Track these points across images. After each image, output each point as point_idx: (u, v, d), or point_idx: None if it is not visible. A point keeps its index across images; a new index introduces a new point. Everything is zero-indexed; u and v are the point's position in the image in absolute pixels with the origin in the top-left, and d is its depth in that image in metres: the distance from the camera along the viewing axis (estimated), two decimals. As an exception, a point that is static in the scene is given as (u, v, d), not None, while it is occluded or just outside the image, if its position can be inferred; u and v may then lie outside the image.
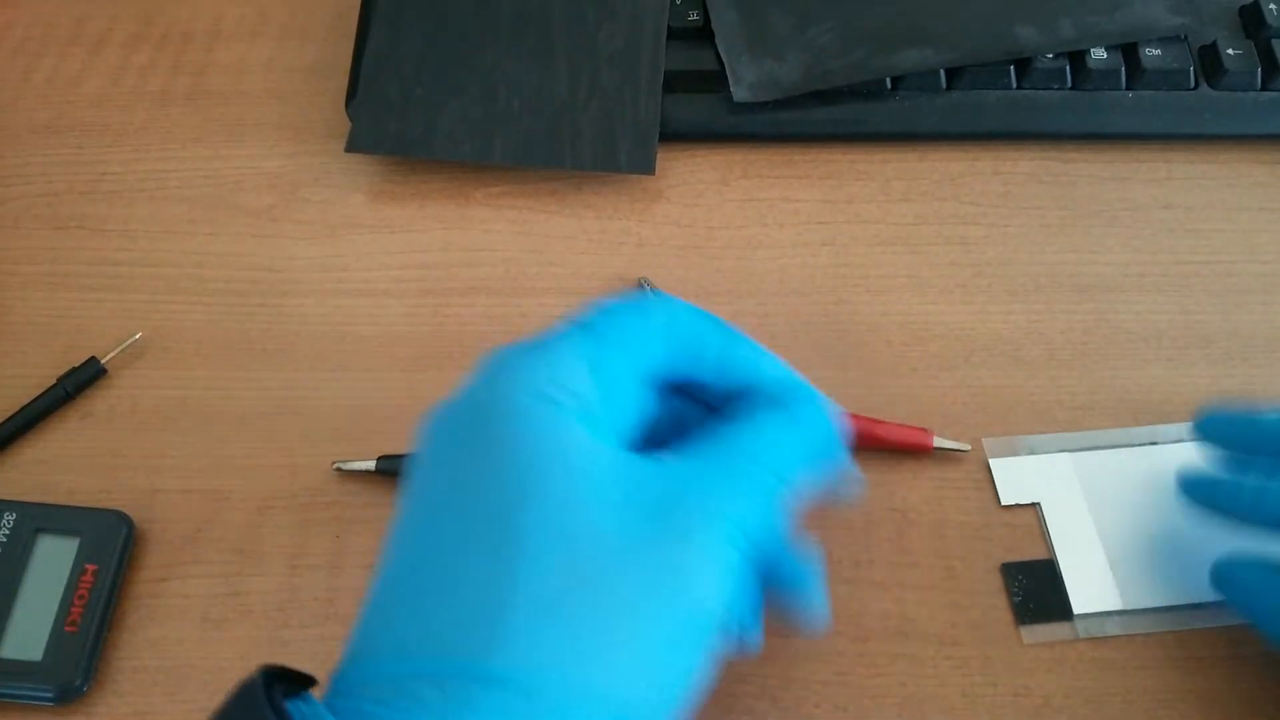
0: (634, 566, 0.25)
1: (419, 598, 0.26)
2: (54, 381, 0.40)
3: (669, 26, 0.47)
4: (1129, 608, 0.36)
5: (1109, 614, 0.36)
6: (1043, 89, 0.46)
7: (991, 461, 0.39)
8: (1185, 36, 0.46)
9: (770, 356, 0.31)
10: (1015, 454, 0.39)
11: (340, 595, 0.37)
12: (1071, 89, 0.46)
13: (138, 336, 0.41)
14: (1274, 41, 0.46)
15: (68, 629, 0.35)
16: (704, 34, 0.46)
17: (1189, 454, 0.37)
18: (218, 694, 0.35)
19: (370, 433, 0.40)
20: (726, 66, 0.45)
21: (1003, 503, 0.38)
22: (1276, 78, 0.45)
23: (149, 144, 0.47)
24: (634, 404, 0.29)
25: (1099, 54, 0.45)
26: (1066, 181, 0.45)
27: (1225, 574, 0.34)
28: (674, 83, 0.46)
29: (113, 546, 0.36)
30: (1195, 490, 0.35)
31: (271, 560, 0.37)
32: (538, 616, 0.24)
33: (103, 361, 0.40)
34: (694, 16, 0.47)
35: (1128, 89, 0.46)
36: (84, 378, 0.40)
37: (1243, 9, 0.47)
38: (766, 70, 0.45)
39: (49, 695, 0.34)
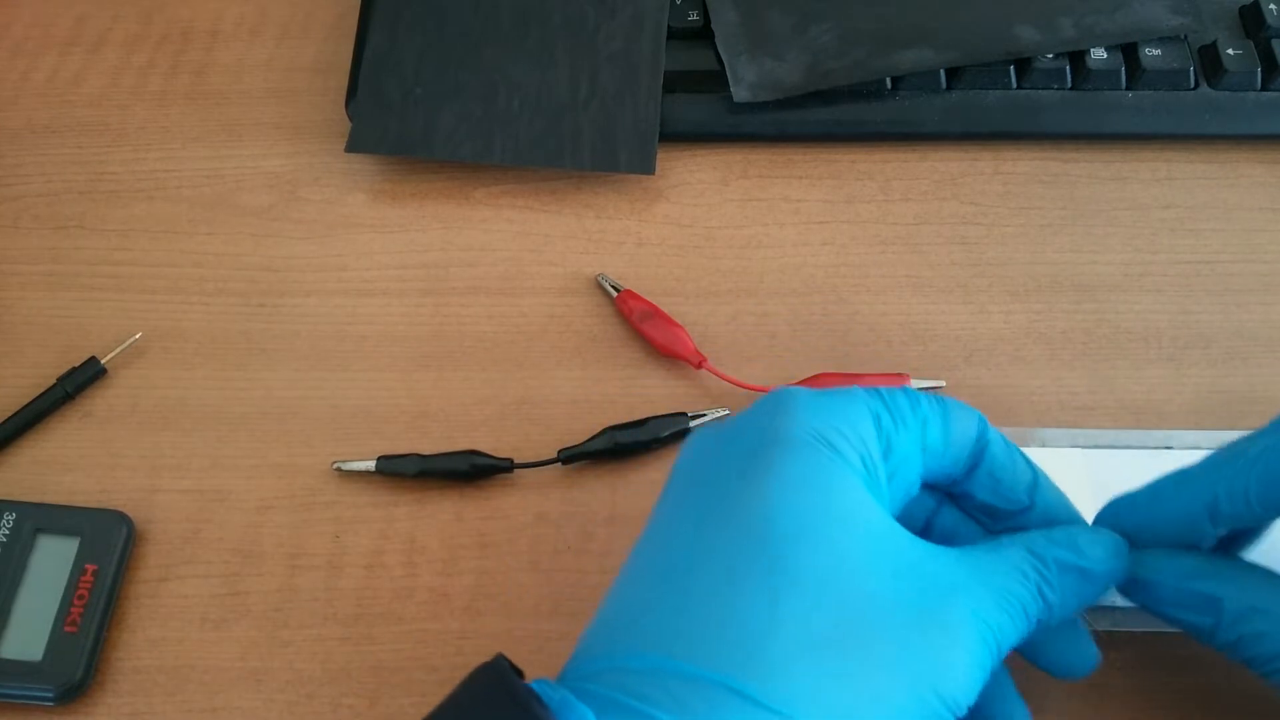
0: (901, 634, 0.26)
1: (678, 605, 0.26)
2: (54, 381, 0.40)
3: (669, 26, 0.46)
4: (1123, 605, 0.36)
5: (1103, 609, 0.36)
6: (1043, 89, 0.46)
7: None
8: (1185, 36, 0.46)
9: (1047, 479, 0.31)
10: (1026, 445, 0.39)
11: (340, 595, 0.37)
12: (1071, 89, 0.46)
13: (138, 336, 0.41)
14: (1274, 42, 0.46)
15: (67, 629, 0.35)
16: (704, 34, 0.46)
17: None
18: (218, 694, 0.35)
19: (370, 433, 0.40)
20: (726, 67, 0.45)
21: None
22: (1276, 78, 0.45)
23: (149, 144, 0.47)
24: (905, 483, 0.29)
25: (1099, 54, 0.45)
26: (1066, 181, 0.45)
27: (1132, 579, 0.32)
28: (674, 83, 0.46)
29: (113, 546, 0.36)
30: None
31: (271, 560, 0.37)
32: (804, 653, 0.25)
33: (103, 361, 0.40)
34: (694, 16, 0.47)
35: (1127, 89, 0.46)
36: (84, 378, 0.40)
37: (1243, 9, 0.47)
38: (766, 70, 0.45)
39: (49, 695, 0.34)
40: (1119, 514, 0.32)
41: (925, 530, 0.32)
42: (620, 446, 0.38)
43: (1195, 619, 0.30)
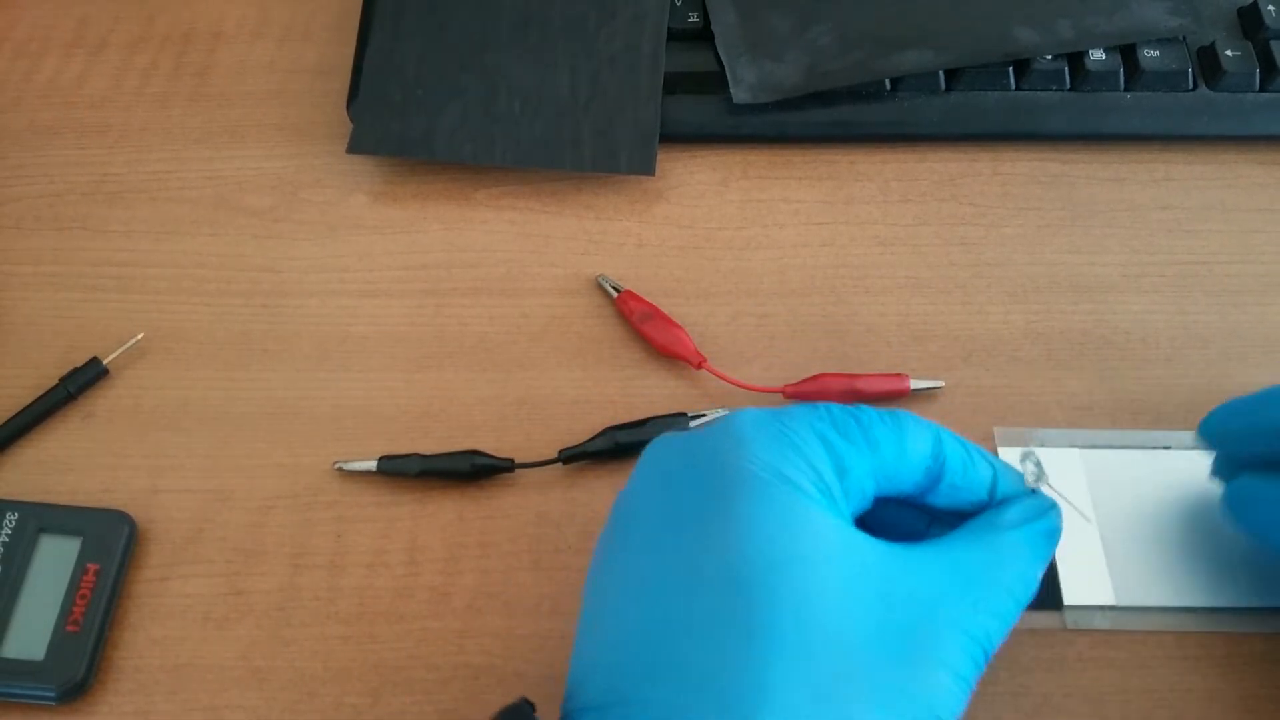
0: (890, 672, 0.26)
1: (655, 646, 0.26)
2: (56, 382, 0.40)
3: (669, 28, 0.47)
4: (1121, 604, 0.36)
5: (1099, 608, 0.36)
6: (1041, 90, 0.46)
7: (1000, 450, 0.39)
8: (1184, 38, 0.46)
9: (1004, 466, 0.31)
10: (1025, 445, 0.39)
11: (341, 595, 0.37)
12: (1070, 90, 0.46)
13: (140, 337, 0.41)
14: (1272, 43, 0.46)
15: (69, 628, 0.35)
16: (704, 35, 0.46)
17: (1201, 461, 0.37)
18: (220, 693, 0.35)
19: (371, 433, 0.40)
20: (726, 68, 0.45)
21: None
22: (1275, 79, 0.45)
23: (151, 145, 0.47)
24: (861, 499, 0.29)
25: (1097, 55, 0.46)
26: (1065, 182, 0.46)
27: (1237, 495, 0.34)
28: (674, 84, 0.46)
29: (114, 546, 0.36)
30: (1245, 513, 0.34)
31: (273, 560, 0.37)
32: (795, 708, 0.25)
33: (105, 362, 0.40)
34: (694, 18, 0.47)
35: (1126, 90, 0.46)
36: (86, 378, 0.40)
37: (1241, 10, 0.47)
38: (766, 71, 0.45)
39: (51, 695, 0.34)
40: (1225, 419, 0.35)
41: (885, 524, 0.31)
42: (620, 446, 0.39)
43: None
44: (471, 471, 0.38)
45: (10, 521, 0.37)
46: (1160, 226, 0.44)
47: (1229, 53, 0.46)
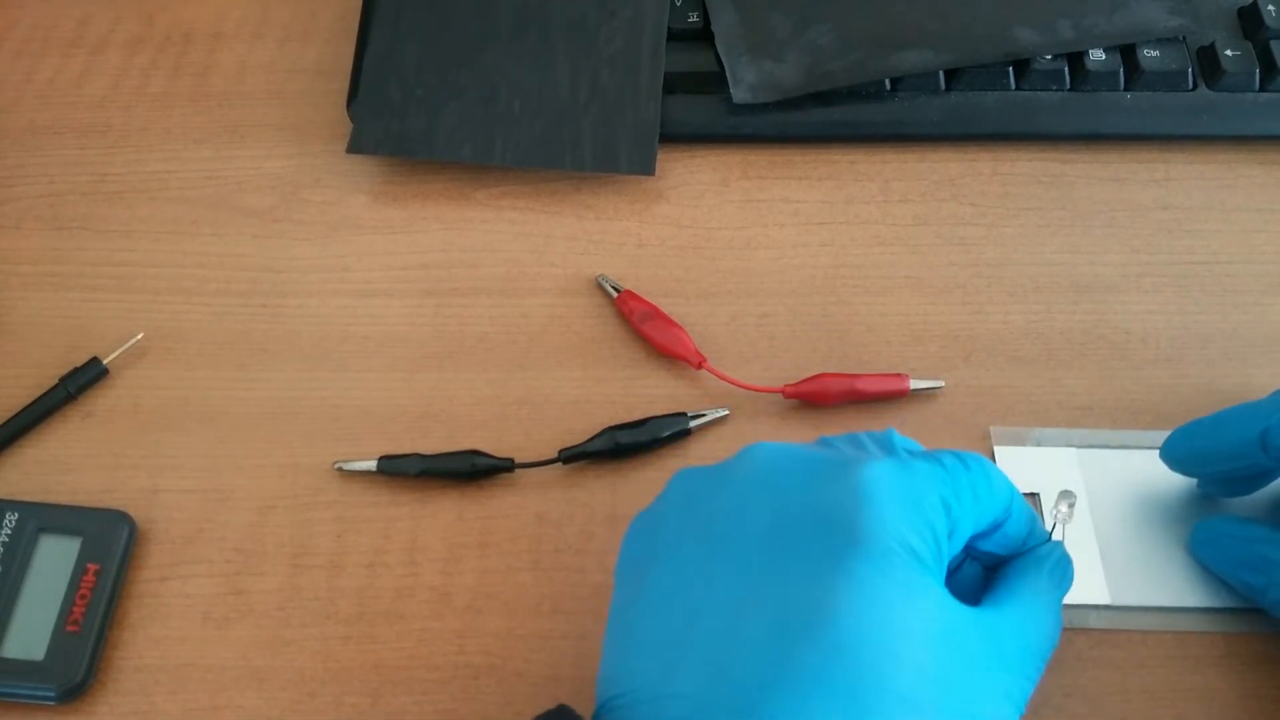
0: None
1: (729, 679, 0.26)
2: (56, 382, 0.40)
3: (669, 28, 0.47)
4: (1115, 604, 0.36)
5: (1094, 607, 0.36)
6: (1041, 90, 0.46)
7: (996, 449, 0.39)
8: (1184, 38, 0.46)
9: (1031, 512, 0.33)
10: (1022, 444, 0.39)
11: (341, 595, 0.37)
12: (1070, 90, 0.46)
13: (139, 337, 0.41)
14: (1272, 43, 0.46)
15: (69, 628, 0.35)
16: (704, 35, 0.46)
17: None
18: (220, 693, 0.35)
19: (371, 433, 0.40)
20: (726, 68, 0.45)
21: None
22: (1274, 79, 0.45)
23: (151, 145, 0.47)
24: (956, 551, 0.30)
25: (1097, 55, 0.46)
26: (1065, 182, 0.46)
27: (1200, 536, 0.36)
28: (674, 84, 0.46)
29: (114, 546, 0.36)
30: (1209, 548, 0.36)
31: (273, 560, 0.37)
32: None
33: (105, 362, 0.40)
34: (694, 18, 0.47)
35: (1126, 90, 0.46)
36: (86, 378, 0.40)
37: (1241, 10, 0.47)
38: (766, 71, 0.45)
39: (51, 695, 0.34)
40: (1184, 439, 0.36)
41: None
42: (620, 446, 0.39)
43: (1252, 578, 0.34)
44: (471, 471, 0.38)
45: (10, 521, 0.37)
46: (1160, 226, 0.44)
47: (1229, 53, 0.46)
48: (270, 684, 0.35)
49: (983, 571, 0.33)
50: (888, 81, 0.45)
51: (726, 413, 0.40)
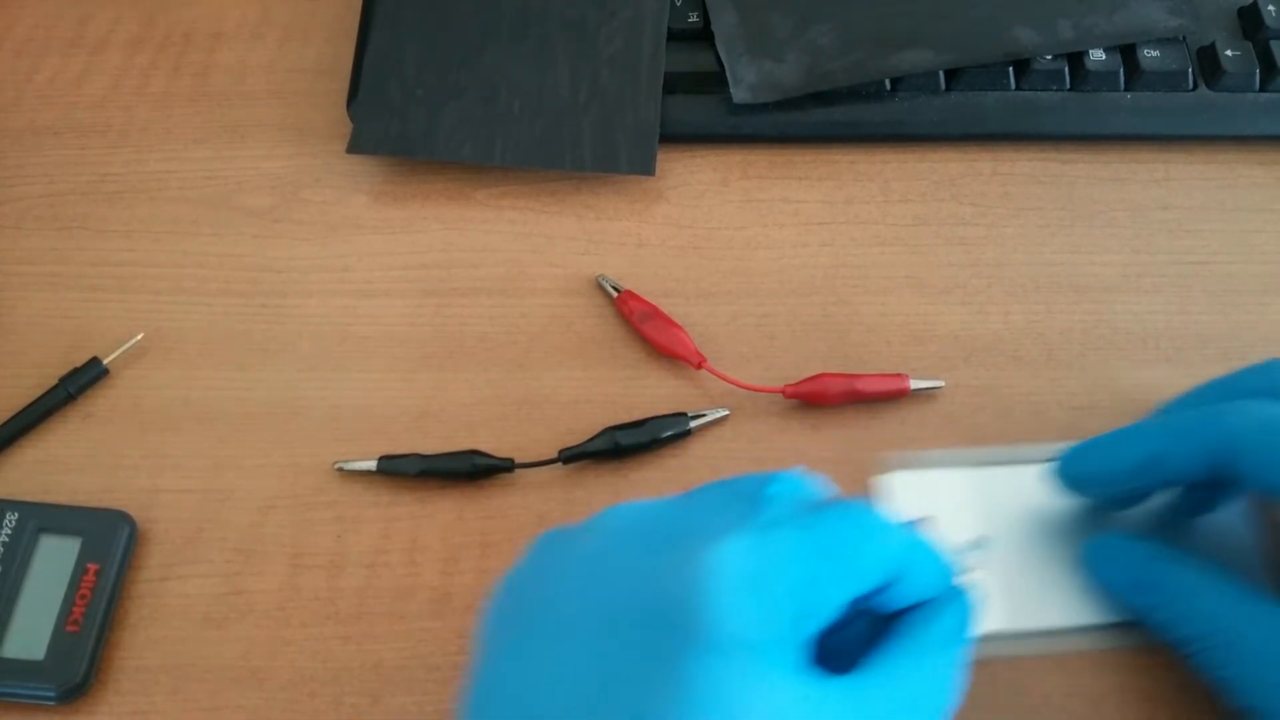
0: None
1: None
2: (56, 382, 0.40)
3: (669, 28, 0.47)
4: (1013, 629, 0.35)
5: (992, 636, 0.34)
6: (1041, 90, 0.46)
7: (886, 475, 0.38)
8: (1184, 38, 0.46)
9: (941, 564, 0.29)
10: (912, 469, 0.38)
11: (341, 595, 0.37)
12: (1070, 90, 0.46)
13: (140, 337, 0.41)
14: (1272, 43, 0.46)
15: (69, 628, 0.35)
16: (704, 35, 0.46)
17: None
18: (220, 693, 0.35)
19: (371, 433, 0.40)
20: (726, 68, 0.45)
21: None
22: (1274, 79, 0.45)
23: (151, 145, 0.47)
24: (826, 623, 0.27)
25: (1097, 55, 0.46)
26: (1065, 182, 0.46)
27: (1090, 554, 0.36)
28: (674, 84, 0.46)
29: (114, 546, 0.36)
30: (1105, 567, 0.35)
31: (273, 560, 0.37)
32: None
33: (105, 362, 0.40)
34: (694, 18, 0.47)
35: (1126, 90, 0.46)
36: (86, 378, 0.40)
37: (1241, 10, 0.47)
38: (766, 71, 0.45)
39: (51, 695, 0.34)
40: (1077, 458, 0.35)
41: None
42: (620, 447, 0.39)
43: (1139, 598, 0.34)
44: (471, 472, 0.38)
45: (10, 521, 0.37)
46: (1160, 226, 0.44)
47: (1229, 53, 0.46)
48: (270, 684, 0.35)
49: (873, 625, 0.30)
50: (888, 81, 0.45)
51: (726, 413, 0.40)
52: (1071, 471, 0.35)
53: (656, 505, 0.28)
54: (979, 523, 0.37)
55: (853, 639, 0.29)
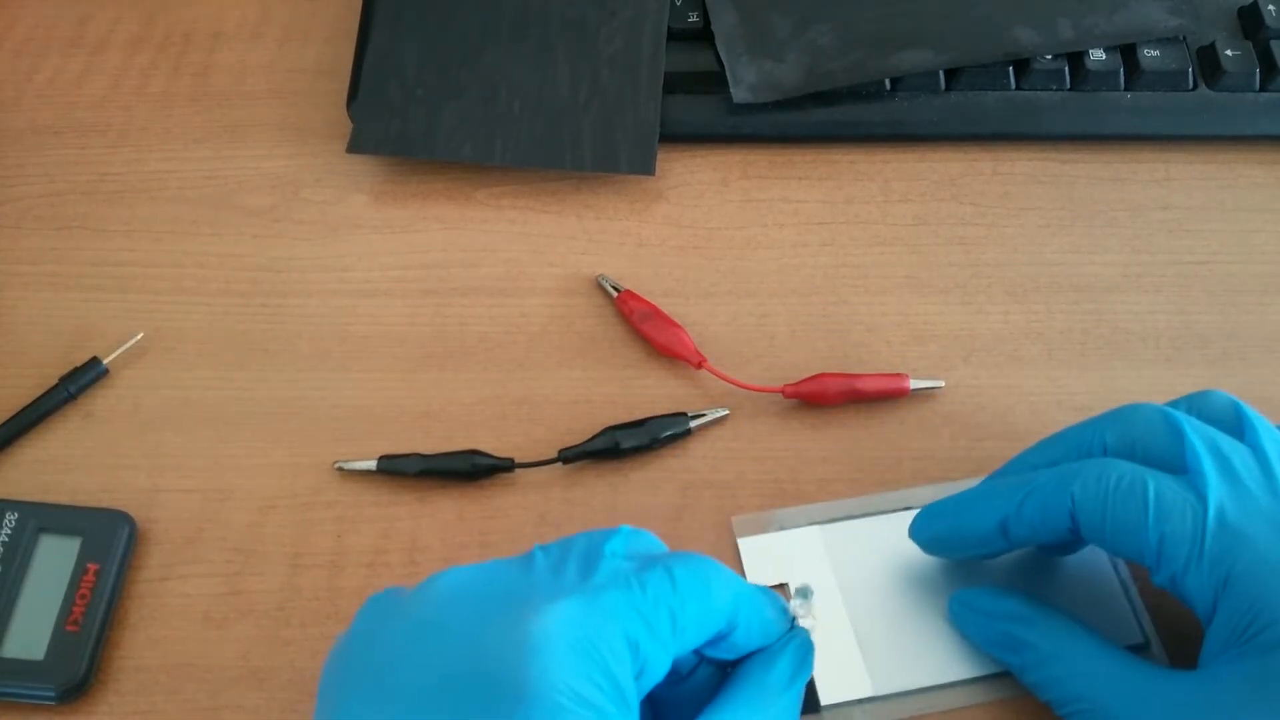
0: None
1: None
2: (56, 381, 0.40)
3: (669, 28, 0.47)
4: (879, 694, 0.34)
5: (858, 702, 0.34)
6: (1041, 90, 0.46)
7: (739, 541, 0.37)
8: (1184, 38, 0.46)
9: (776, 613, 0.30)
10: (764, 530, 0.37)
11: (341, 595, 0.37)
12: (1070, 90, 0.46)
13: (139, 337, 0.41)
14: (1272, 43, 0.46)
15: (69, 628, 0.35)
16: (704, 35, 0.46)
17: None
18: (220, 693, 0.35)
19: (371, 432, 0.40)
20: (726, 68, 0.45)
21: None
22: (1275, 79, 0.45)
23: (151, 145, 0.47)
24: (655, 680, 0.28)
25: (1097, 55, 0.46)
26: (1065, 182, 0.46)
27: (956, 610, 0.35)
28: (674, 84, 0.46)
29: (114, 546, 0.36)
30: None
31: (273, 559, 0.37)
32: None
33: (105, 362, 0.40)
34: (694, 18, 0.47)
35: (1126, 90, 0.46)
36: (86, 378, 0.40)
37: (1241, 10, 0.48)
38: (766, 71, 0.45)
39: (50, 694, 0.34)
40: (930, 520, 0.35)
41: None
42: (620, 446, 0.39)
43: (1008, 657, 0.34)
44: (471, 471, 0.38)
45: (10, 521, 0.37)
46: (1160, 226, 0.44)
47: (1229, 53, 0.46)
48: (270, 684, 0.35)
49: (715, 674, 0.30)
50: (888, 81, 0.45)
51: (726, 413, 0.40)
52: (924, 535, 0.35)
53: (489, 567, 0.28)
54: (840, 579, 0.36)
55: (697, 688, 0.30)
